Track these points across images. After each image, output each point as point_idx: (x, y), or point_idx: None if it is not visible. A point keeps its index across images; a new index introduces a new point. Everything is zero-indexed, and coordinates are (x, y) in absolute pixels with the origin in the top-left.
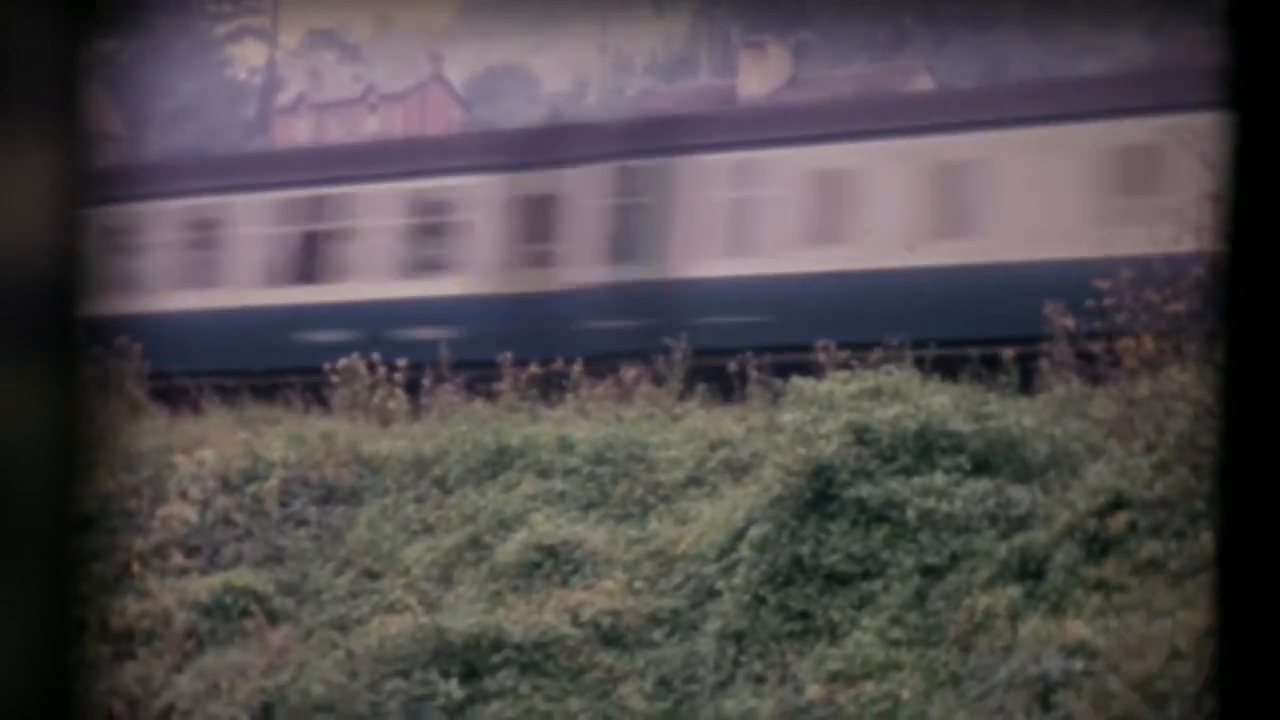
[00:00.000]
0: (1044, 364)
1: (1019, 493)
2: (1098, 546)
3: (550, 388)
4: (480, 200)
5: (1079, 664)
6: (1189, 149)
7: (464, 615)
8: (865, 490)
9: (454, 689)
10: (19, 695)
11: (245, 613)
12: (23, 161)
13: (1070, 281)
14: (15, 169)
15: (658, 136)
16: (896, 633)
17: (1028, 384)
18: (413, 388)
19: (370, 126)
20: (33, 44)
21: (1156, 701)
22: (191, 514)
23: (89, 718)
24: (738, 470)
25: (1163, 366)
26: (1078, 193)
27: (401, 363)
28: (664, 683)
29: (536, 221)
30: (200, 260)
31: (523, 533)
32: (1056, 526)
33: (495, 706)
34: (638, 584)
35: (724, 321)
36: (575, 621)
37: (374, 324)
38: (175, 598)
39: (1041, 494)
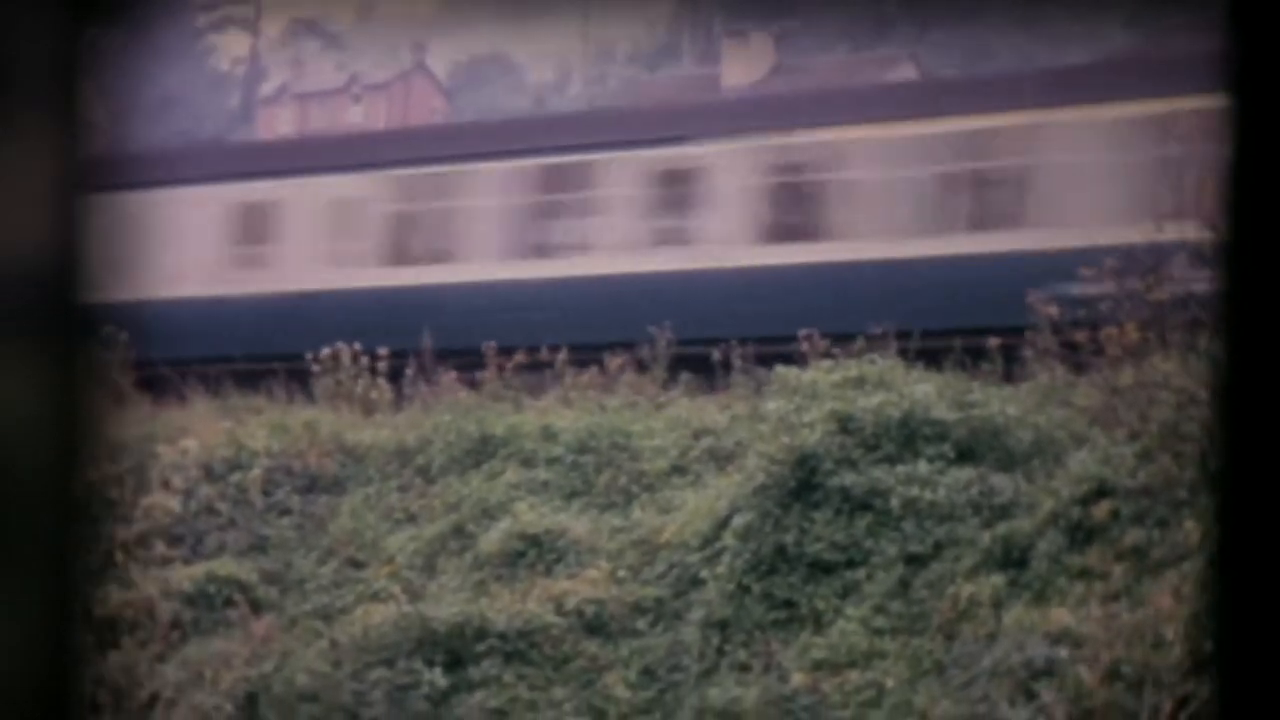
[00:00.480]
0: (1028, 352)
1: (1002, 481)
2: (1081, 534)
3: (535, 376)
4: None
5: (1063, 652)
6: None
7: (448, 604)
8: (849, 479)
9: (438, 678)
10: (17, 685)
11: (229, 602)
12: (18, 152)
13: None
14: (11, 160)
15: None
16: (880, 621)
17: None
18: (395, 377)
19: (353, 117)
20: (29, 36)
21: (1140, 689)
22: (175, 503)
23: (85, 708)
24: (721, 459)
25: (1146, 355)
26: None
27: (383, 352)
28: (648, 672)
29: None
30: None
31: (506, 522)
32: (1040, 515)
33: (479, 695)
34: (621, 573)
35: None
36: (559, 610)
37: None
38: (159, 587)
39: (1025, 482)
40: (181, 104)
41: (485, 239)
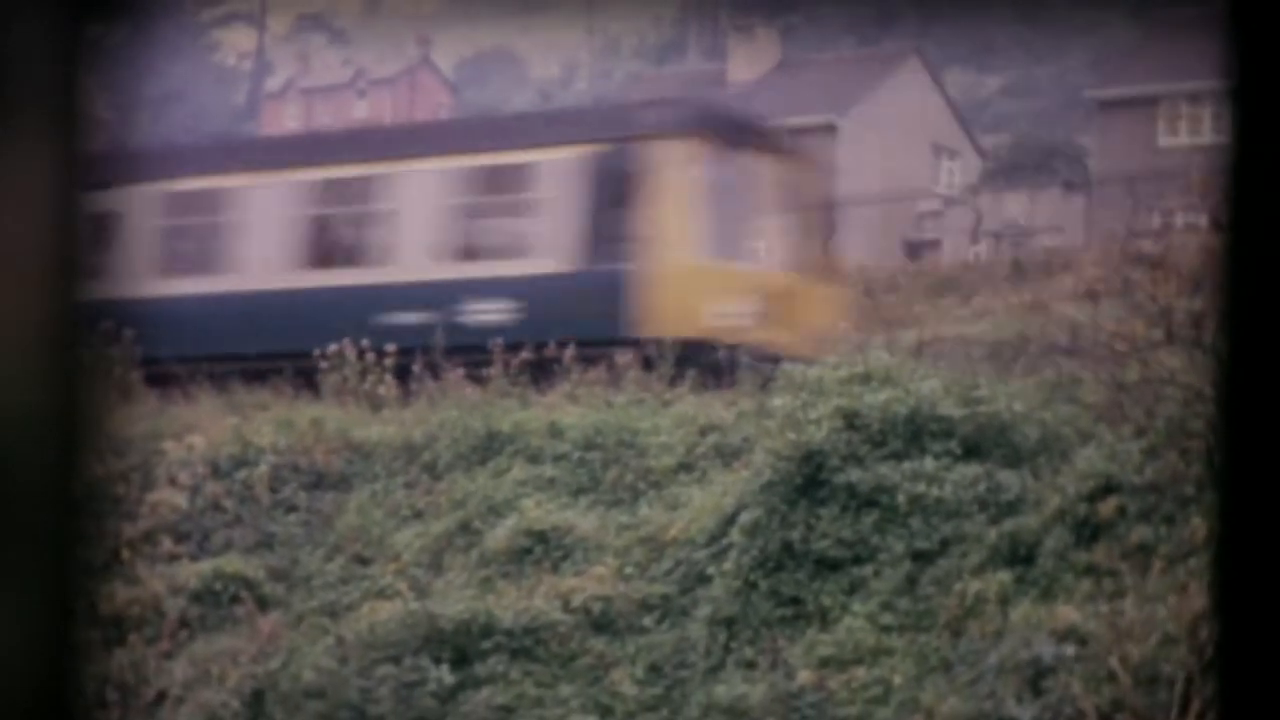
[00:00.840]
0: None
1: (1009, 477)
2: (1088, 531)
3: (542, 373)
4: None
5: (1070, 649)
6: None
7: (454, 601)
8: (855, 475)
9: (445, 675)
10: (19, 683)
11: (235, 599)
12: (19, 150)
13: None
14: (13, 158)
15: None
16: (887, 618)
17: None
18: (403, 373)
19: (359, 112)
20: (29, 35)
21: (1147, 687)
22: (181, 500)
23: (87, 705)
24: (728, 456)
25: (1152, 350)
26: None
27: (391, 348)
28: (655, 669)
29: None
30: None
31: (513, 518)
32: (1047, 511)
33: (486, 692)
34: (628, 570)
35: None
36: (566, 607)
37: None
38: (165, 584)
39: (1031, 479)
40: (187, 100)
41: None
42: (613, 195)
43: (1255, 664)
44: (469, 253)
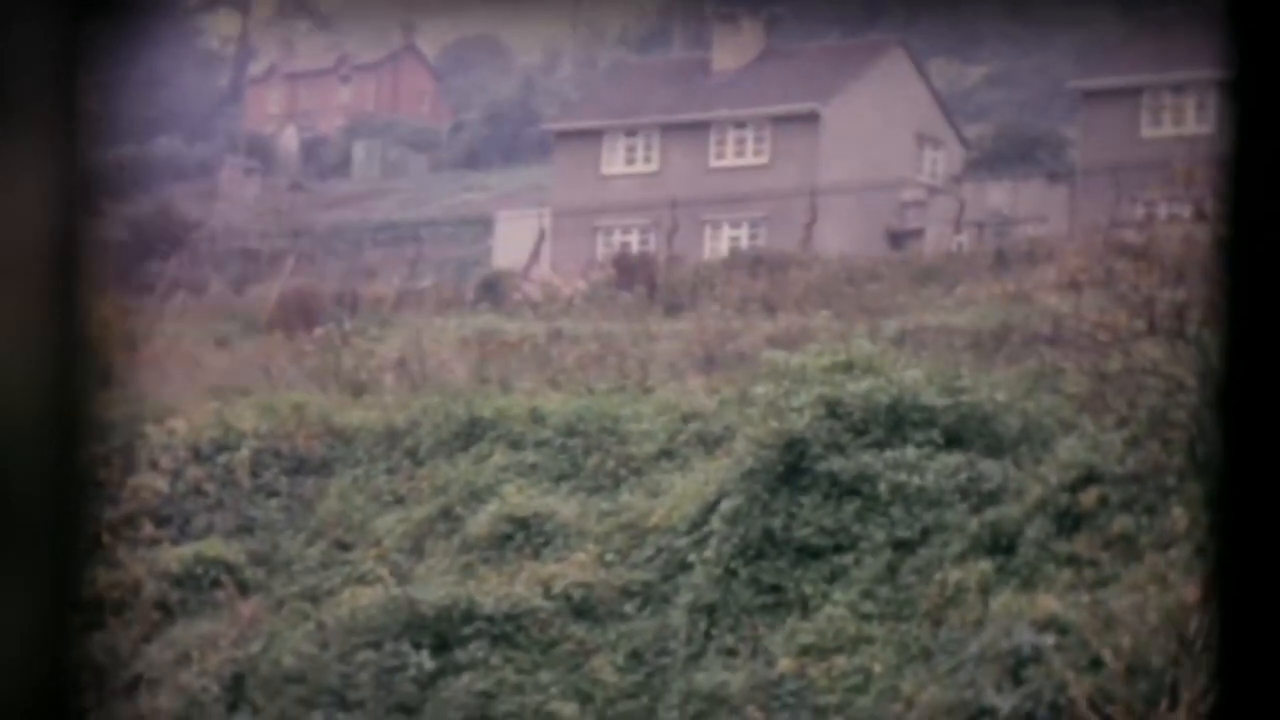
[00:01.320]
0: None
1: (990, 467)
2: (1069, 521)
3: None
4: None
5: (1050, 639)
6: None
7: (435, 587)
8: (837, 464)
9: (425, 660)
10: (12, 669)
11: (216, 583)
12: (19, 147)
13: None
14: (13, 156)
15: None
16: (868, 606)
17: None
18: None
19: (343, 97)
20: (31, 33)
21: (1128, 675)
22: (162, 484)
23: (78, 691)
24: (709, 443)
25: (1135, 341)
26: None
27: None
28: (635, 655)
29: None
30: None
31: (494, 504)
32: (1028, 501)
33: (466, 678)
34: (609, 556)
35: None
36: (547, 594)
37: None
38: (145, 568)
39: (1013, 468)
40: (170, 84)
41: None
42: None
43: (1249, 651)
44: None
